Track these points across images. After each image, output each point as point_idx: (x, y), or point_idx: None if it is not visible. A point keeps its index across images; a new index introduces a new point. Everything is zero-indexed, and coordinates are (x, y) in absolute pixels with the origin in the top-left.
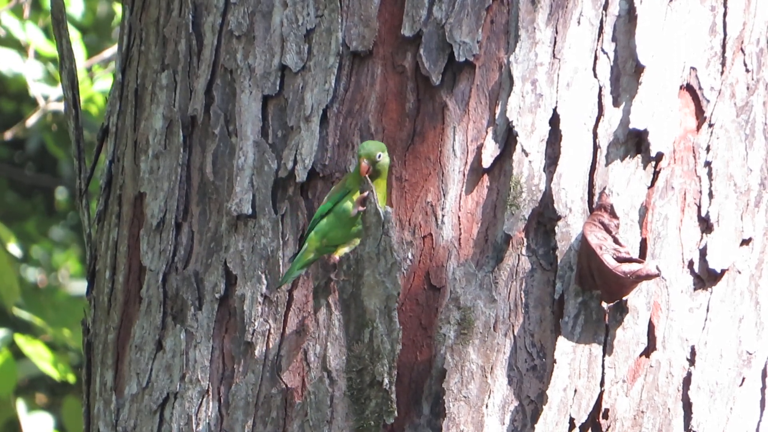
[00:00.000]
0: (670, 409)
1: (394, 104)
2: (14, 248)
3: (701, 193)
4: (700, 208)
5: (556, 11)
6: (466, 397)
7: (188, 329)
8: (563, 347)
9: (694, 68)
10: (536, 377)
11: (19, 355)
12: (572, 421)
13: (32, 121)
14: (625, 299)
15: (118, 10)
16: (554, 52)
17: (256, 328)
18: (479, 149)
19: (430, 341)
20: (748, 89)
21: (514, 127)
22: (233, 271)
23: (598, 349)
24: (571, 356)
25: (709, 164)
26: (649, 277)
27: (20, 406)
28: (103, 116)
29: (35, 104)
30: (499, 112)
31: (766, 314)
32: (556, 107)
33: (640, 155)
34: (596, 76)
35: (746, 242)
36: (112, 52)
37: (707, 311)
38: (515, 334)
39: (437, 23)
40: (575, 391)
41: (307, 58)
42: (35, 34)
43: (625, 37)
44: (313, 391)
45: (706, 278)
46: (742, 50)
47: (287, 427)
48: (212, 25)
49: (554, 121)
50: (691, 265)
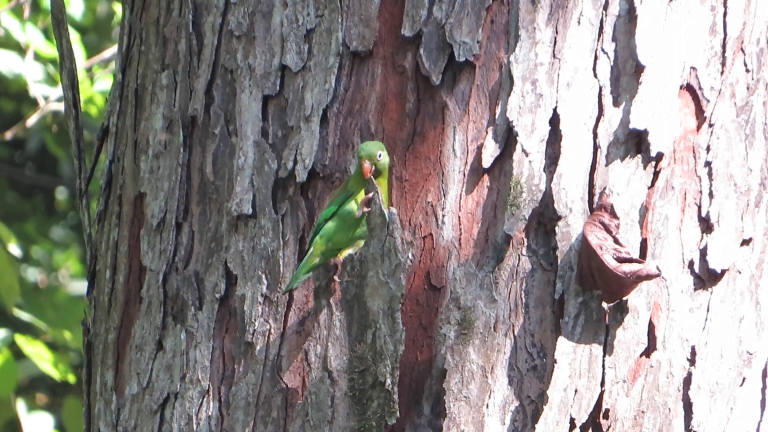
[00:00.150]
0: (670, 409)
1: (394, 104)
2: (14, 248)
3: (701, 193)
4: (700, 208)
5: (556, 11)
6: (466, 397)
7: (189, 329)
8: (564, 347)
9: (694, 68)
10: (537, 377)
11: (19, 355)
12: (573, 421)
13: (32, 121)
14: (625, 299)
15: (118, 10)
16: (554, 52)
17: (256, 328)
18: (479, 149)
19: (430, 341)
20: (748, 89)
21: (514, 127)
22: (233, 271)
23: (598, 349)
24: (571, 356)
25: (709, 164)
26: (649, 277)
27: (21, 406)
28: (102, 117)
29: (35, 104)
30: (499, 112)
31: (766, 314)
32: (556, 107)
33: (640, 155)
34: (596, 76)
35: (746, 242)
36: (112, 52)
37: (707, 311)
38: (515, 334)
39: (437, 23)
40: (576, 391)
41: (307, 58)
42: (35, 35)
43: (625, 37)
44: (313, 391)
45: (706, 278)
46: (742, 50)
47: (288, 427)
48: (212, 25)
49: (554, 121)
50: (691, 265)
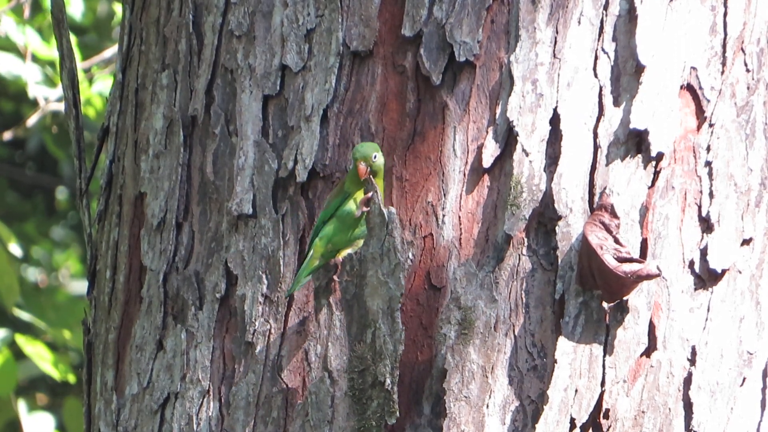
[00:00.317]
0: (670, 409)
1: (394, 104)
2: (15, 248)
3: (702, 193)
4: (700, 208)
5: (556, 11)
6: (466, 397)
7: (189, 329)
8: (564, 347)
9: (694, 68)
10: (537, 377)
11: (19, 355)
12: (573, 421)
13: (32, 121)
14: (625, 299)
15: (118, 10)
16: (554, 51)
17: (256, 328)
18: (480, 149)
19: (430, 341)
20: (748, 89)
21: (514, 126)
22: (234, 271)
23: (598, 349)
24: (571, 356)
25: (709, 164)
26: (649, 277)
27: (21, 406)
28: (100, 118)
29: (35, 104)
30: (499, 111)
31: (766, 314)
32: (556, 107)
33: (640, 155)
34: (597, 75)
35: (747, 242)
36: (112, 52)
37: (708, 311)
38: (516, 334)
39: (437, 23)
40: (576, 391)
41: (307, 57)
42: (33, 37)
43: (625, 36)
44: (314, 391)
45: (706, 278)
46: (742, 50)
47: (288, 427)
48: (212, 24)
49: (555, 120)
50: (691, 265)
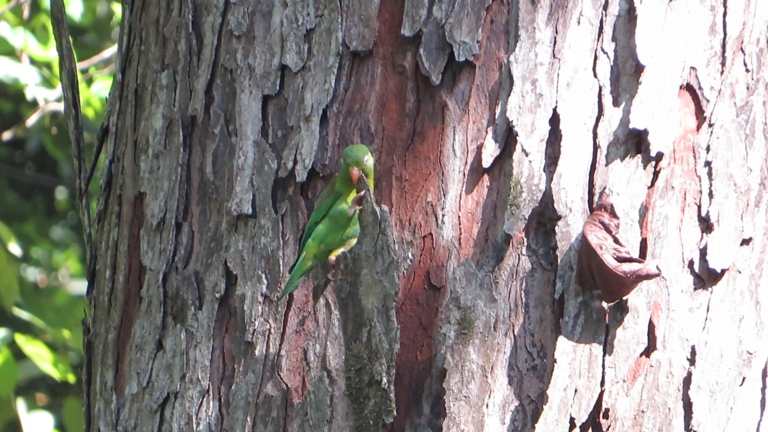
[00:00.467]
0: (670, 408)
1: (394, 104)
2: (14, 247)
3: (701, 192)
4: (700, 207)
5: (556, 11)
6: (466, 396)
7: (188, 329)
8: (563, 347)
9: (694, 68)
10: (536, 377)
11: (19, 355)
12: (572, 420)
13: (32, 121)
14: (625, 299)
15: (117, 10)
16: (554, 51)
17: (256, 327)
18: (479, 149)
19: (430, 341)
20: (748, 89)
21: (514, 126)
22: (233, 270)
23: (598, 348)
24: (571, 356)
25: (709, 164)
26: (649, 276)
27: (21, 405)
28: (99, 118)
29: (35, 104)
30: (499, 111)
31: (766, 314)
32: (556, 107)
33: (640, 155)
34: (596, 75)
35: (746, 242)
36: (111, 52)
37: (707, 311)
38: (515, 333)
39: (437, 23)
40: (575, 390)
41: (307, 57)
42: (29, 39)
43: (625, 36)
44: (313, 390)
45: (706, 278)
46: (742, 50)
47: (287, 426)
48: (212, 24)
49: (554, 120)
50: (691, 264)
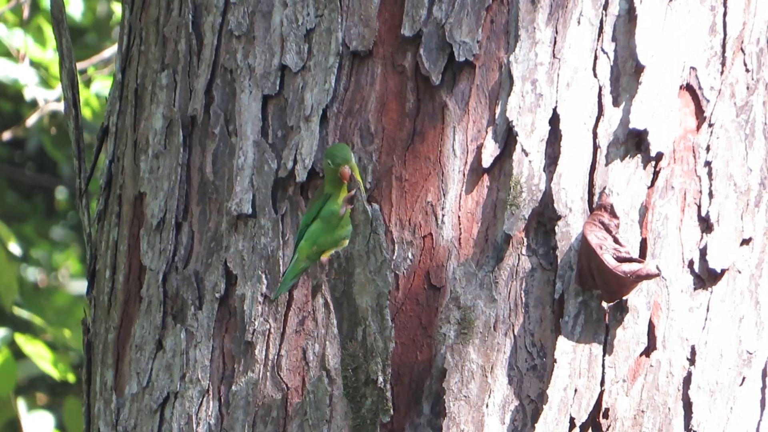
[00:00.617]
0: (670, 408)
1: (394, 104)
2: (14, 247)
3: (701, 192)
4: (700, 207)
5: (556, 11)
6: (466, 396)
7: (188, 329)
8: (563, 347)
9: (694, 68)
10: (536, 377)
11: (19, 354)
12: (572, 420)
13: (32, 121)
14: (625, 299)
15: (117, 10)
16: (554, 51)
17: (256, 327)
18: (479, 149)
19: (430, 341)
20: (748, 89)
21: (514, 126)
22: (233, 270)
23: (598, 348)
24: (571, 356)
25: (709, 164)
26: (649, 276)
27: (21, 405)
28: (99, 118)
29: (34, 104)
30: (499, 111)
31: (766, 314)
32: (556, 107)
33: (640, 155)
34: (596, 75)
35: (746, 242)
36: (111, 52)
37: (707, 311)
38: (515, 333)
39: (437, 23)
40: (575, 390)
41: (307, 57)
42: (27, 40)
43: (625, 36)
44: (312, 390)
45: (706, 278)
46: (742, 50)
47: (287, 426)
48: (212, 24)
49: (554, 120)
50: (691, 264)
